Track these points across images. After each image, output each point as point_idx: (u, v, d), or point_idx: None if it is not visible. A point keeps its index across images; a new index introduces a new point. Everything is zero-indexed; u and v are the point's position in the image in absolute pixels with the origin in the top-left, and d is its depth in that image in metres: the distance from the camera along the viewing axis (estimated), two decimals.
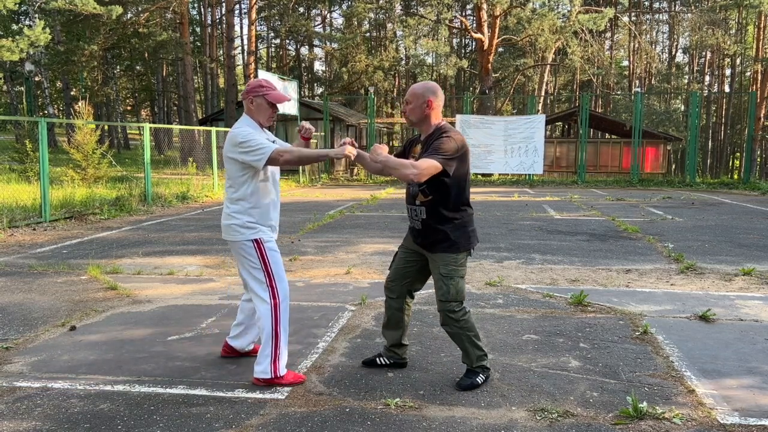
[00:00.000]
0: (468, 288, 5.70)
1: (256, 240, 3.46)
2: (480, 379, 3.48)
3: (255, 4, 26.49)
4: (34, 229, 9.62)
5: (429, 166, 3.17)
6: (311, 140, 3.73)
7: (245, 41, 38.13)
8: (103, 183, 15.08)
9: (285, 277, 3.54)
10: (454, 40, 45.57)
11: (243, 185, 3.47)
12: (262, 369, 3.47)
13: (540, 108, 34.26)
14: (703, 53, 42.51)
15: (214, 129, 16.81)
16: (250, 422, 3.04)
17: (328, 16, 48.06)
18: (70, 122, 16.81)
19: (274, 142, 3.60)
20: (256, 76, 23.44)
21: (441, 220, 3.36)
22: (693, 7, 37.54)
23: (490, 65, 28.21)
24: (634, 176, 21.61)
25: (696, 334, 4.43)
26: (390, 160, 3.25)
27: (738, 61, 41.01)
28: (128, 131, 47.03)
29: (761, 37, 34.46)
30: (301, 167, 21.23)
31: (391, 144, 39.45)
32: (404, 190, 3.65)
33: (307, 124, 3.67)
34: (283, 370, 3.49)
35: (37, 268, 6.76)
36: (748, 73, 41.22)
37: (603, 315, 4.92)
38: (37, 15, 27.84)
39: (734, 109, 41.04)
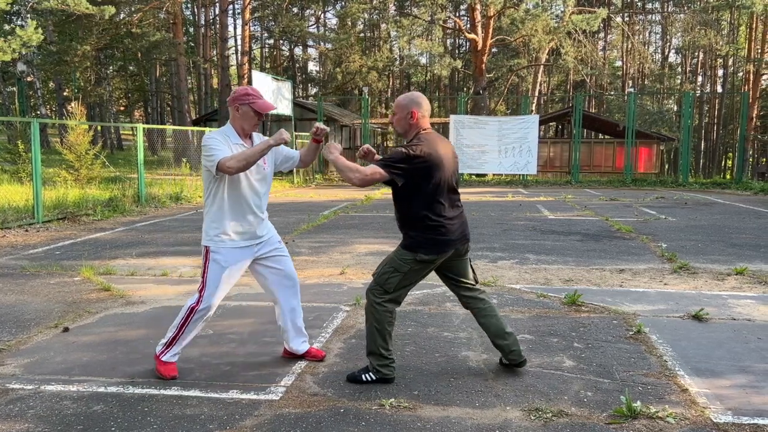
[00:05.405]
0: None
1: (206, 247, 3.56)
2: (366, 377, 3.52)
3: (249, 4, 26.45)
4: (27, 230, 9.57)
5: (373, 172, 3.30)
6: (322, 142, 3.71)
7: (239, 41, 38.06)
8: (96, 184, 15.02)
9: (218, 293, 3.55)
10: (448, 41, 45.63)
11: (210, 191, 3.55)
12: (159, 342, 3.68)
13: (534, 108, 34.32)
14: (696, 54, 42.69)
15: (207, 129, 16.77)
16: (244, 423, 3.03)
17: (322, 16, 48.01)
18: (62, 123, 16.74)
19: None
20: (250, 76, 23.37)
21: (404, 223, 3.50)
22: (686, 8, 37.72)
23: (483, 65, 28.25)
24: (627, 176, 21.69)
25: (689, 334, 4.44)
26: (339, 160, 3.37)
27: (730, 61, 41.22)
28: (121, 132, 46.88)
29: (753, 38, 34.65)
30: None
31: (384, 144, 39.44)
32: None
33: (321, 125, 3.64)
34: (168, 358, 3.62)
35: (30, 269, 6.72)
36: (740, 74, 41.40)
37: (597, 315, 4.94)
38: (29, 15, 27.70)
39: (726, 110, 41.23)
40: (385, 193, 17.02)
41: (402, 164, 3.30)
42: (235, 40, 43.62)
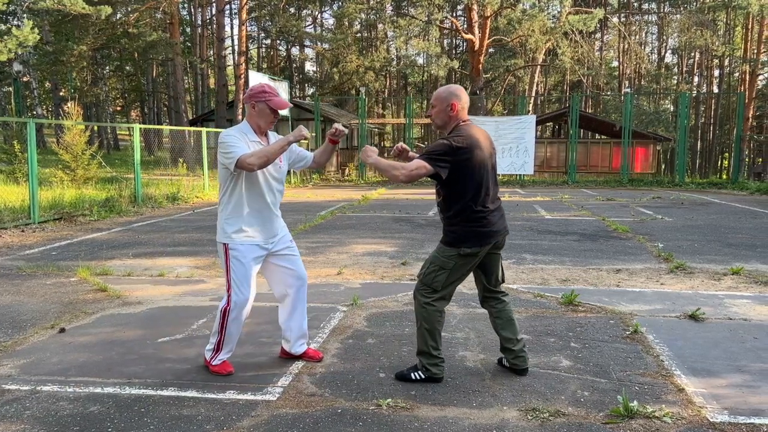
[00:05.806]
0: (460, 288, 5.69)
1: (224, 244, 3.54)
2: (415, 375, 3.54)
3: (245, 4, 26.40)
4: (23, 231, 9.55)
5: (418, 166, 3.28)
6: (338, 144, 3.71)
7: (236, 41, 37.98)
8: (93, 184, 14.99)
9: (247, 290, 3.55)
10: (445, 41, 45.64)
11: (226, 189, 3.55)
12: (206, 350, 3.74)
13: (530, 108, 34.37)
14: (692, 54, 42.81)
15: (204, 129, 16.76)
16: (241, 424, 3.03)
17: (319, 16, 47.99)
18: (59, 123, 16.69)
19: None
20: (246, 76, 23.35)
21: (448, 216, 3.48)
22: (682, 9, 37.80)
23: (480, 66, 28.29)
24: (624, 176, 21.73)
25: (686, 333, 4.45)
26: (379, 162, 3.39)
27: (726, 61, 41.31)
28: (118, 132, 46.78)
29: (749, 38, 34.76)
30: None
31: (381, 144, 39.44)
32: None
33: (340, 127, 3.63)
34: (216, 362, 3.68)
35: (26, 269, 6.70)
36: (736, 74, 41.52)
37: (594, 314, 4.94)
38: (25, 15, 27.63)
39: (723, 110, 41.35)
40: (382, 193, 17.00)
41: (446, 156, 3.29)
42: (232, 40, 43.52)
